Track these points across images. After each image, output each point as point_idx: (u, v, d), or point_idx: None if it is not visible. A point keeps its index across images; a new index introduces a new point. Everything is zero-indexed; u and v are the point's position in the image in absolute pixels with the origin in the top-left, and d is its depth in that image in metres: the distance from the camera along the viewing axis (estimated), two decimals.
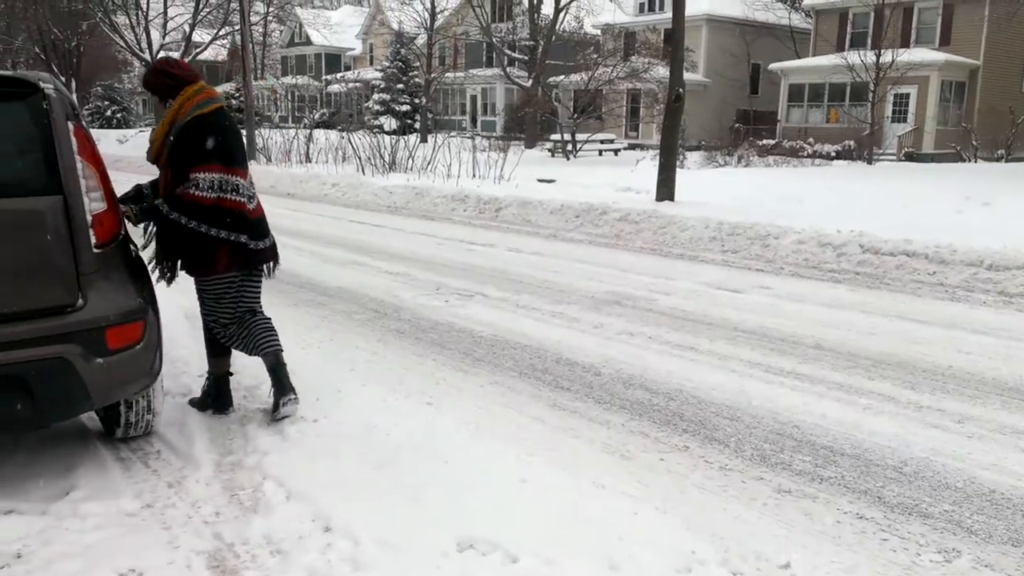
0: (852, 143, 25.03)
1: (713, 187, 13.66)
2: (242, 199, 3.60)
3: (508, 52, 33.80)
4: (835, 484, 3.30)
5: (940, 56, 25.47)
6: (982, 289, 6.96)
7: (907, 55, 23.95)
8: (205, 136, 3.49)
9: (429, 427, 3.76)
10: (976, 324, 5.84)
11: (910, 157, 24.94)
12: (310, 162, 19.44)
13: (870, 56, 23.66)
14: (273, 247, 3.83)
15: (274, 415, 3.78)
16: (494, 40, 34.11)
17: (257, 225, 3.71)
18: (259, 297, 3.89)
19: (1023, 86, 27.22)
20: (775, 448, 3.64)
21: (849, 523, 2.99)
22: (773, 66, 29.79)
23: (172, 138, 3.51)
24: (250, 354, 3.85)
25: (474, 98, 40.58)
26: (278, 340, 3.85)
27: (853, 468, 3.44)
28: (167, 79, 3.57)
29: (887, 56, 23.11)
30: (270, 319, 3.92)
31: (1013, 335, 5.54)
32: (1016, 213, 10.40)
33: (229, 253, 3.61)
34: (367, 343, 5.21)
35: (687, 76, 15.54)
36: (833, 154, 24.98)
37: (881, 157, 24.34)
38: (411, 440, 3.57)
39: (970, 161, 24.19)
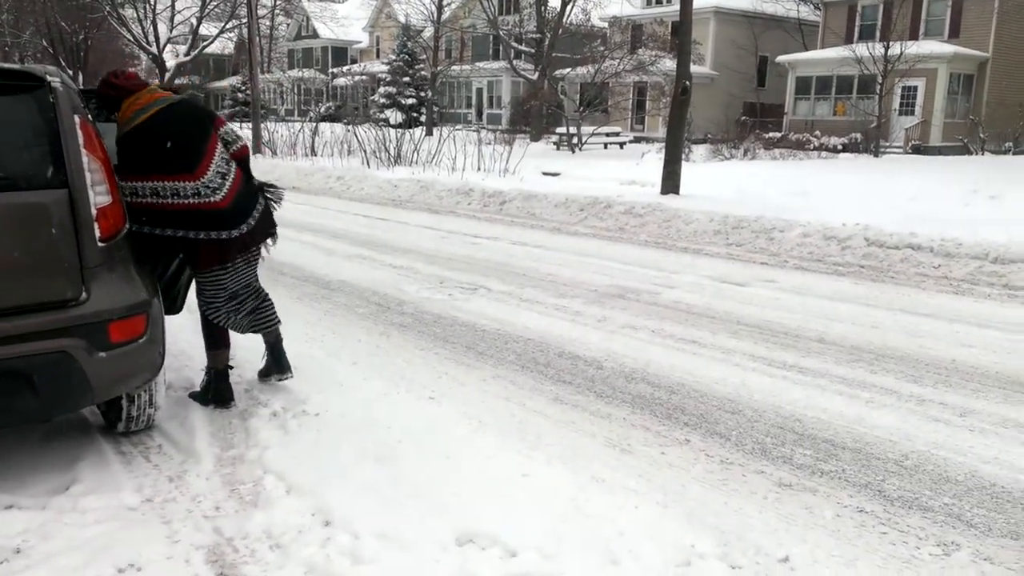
0: (859, 136, 24.92)
1: (719, 180, 13.60)
2: (187, 200, 3.52)
3: (515, 45, 33.70)
4: (836, 478, 3.29)
5: (949, 48, 25.27)
6: (987, 282, 6.93)
7: (915, 47, 23.77)
8: (131, 149, 3.48)
9: (431, 421, 3.77)
10: (980, 318, 5.81)
11: (917, 150, 24.80)
12: (315, 155, 19.46)
13: (878, 48, 23.50)
14: (256, 229, 3.76)
15: (262, 376, 4.13)
16: (501, 33, 34.01)
17: (226, 215, 3.63)
18: (255, 274, 3.94)
19: None
20: (776, 442, 3.64)
21: (849, 516, 2.99)
22: (781, 59, 29.64)
23: None
24: (244, 332, 3.96)
25: (480, 91, 40.50)
26: (276, 316, 4.03)
27: (854, 461, 3.43)
28: (111, 90, 3.56)
29: (895, 48, 22.96)
30: (267, 294, 4.03)
31: (1017, 328, 5.51)
32: (1023, 206, 10.32)
33: (206, 249, 3.64)
34: (370, 337, 5.22)
35: (694, 69, 15.47)
36: (839, 147, 24.87)
37: (888, 150, 24.22)
38: (412, 434, 3.58)
39: (977, 154, 24.04)
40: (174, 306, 3.99)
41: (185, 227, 3.55)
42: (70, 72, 39.34)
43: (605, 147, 27.22)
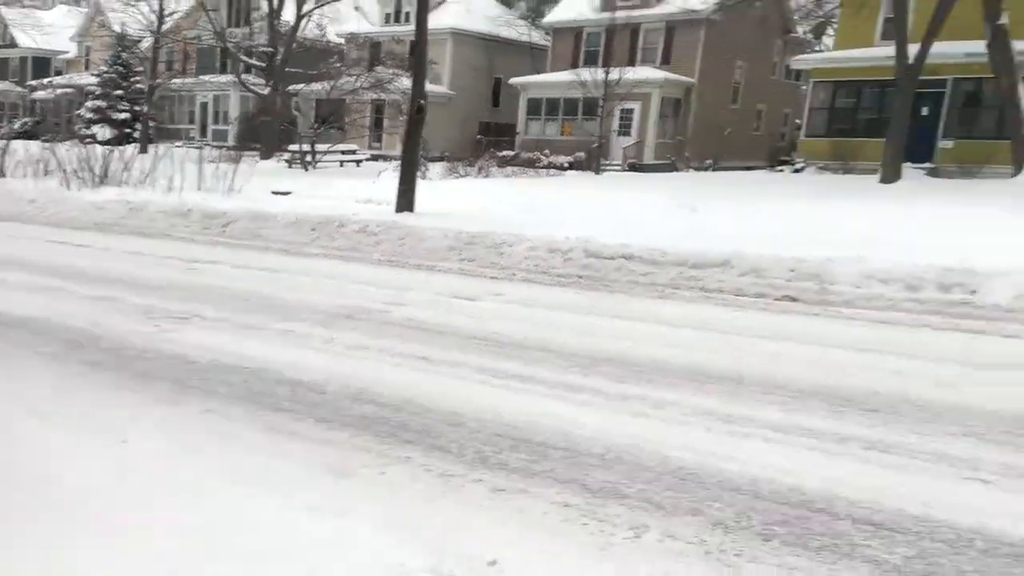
0: (583, 155, 26.95)
1: (454, 197, 13.96)
2: None
3: (244, 58, 32.21)
4: (545, 477, 3.41)
5: (661, 74, 28.17)
6: (687, 287, 7.70)
7: (633, 73, 26.25)
8: None
9: (120, 470, 3.36)
10: (679, 319, 6.43)
11: (633, 167, 27.37)
12: (3, 176, 17.17)
13: (600, 73, 25.62)
14: None
15: None
16: (229, 45, 32.38)
17: None
18: None
19: (731, 103, 31.02)
20: (495, 449, 3.69)
21: (555, 512, 3.10)
22: (513, 80, 31.24)
23: None
24: None
25: (204, 106, 38.22)
26: None
27: (563, 460, 3.58)
28: None
29: (615, 74, 25.17)
30: None
31: (709, 327, 6.18)
32: (717, 217, 11.73)
33: None
34: (54, 379, 4.56)
35: (432, 88, 15.79)
36: (566, 165, 26.74)
37: (608, 167, 26.48)
38: (95, 487, 3.17)
39: (683, 171, 27.09)
40: None
41: None
42: None
43: (341, 165, 26.88)
